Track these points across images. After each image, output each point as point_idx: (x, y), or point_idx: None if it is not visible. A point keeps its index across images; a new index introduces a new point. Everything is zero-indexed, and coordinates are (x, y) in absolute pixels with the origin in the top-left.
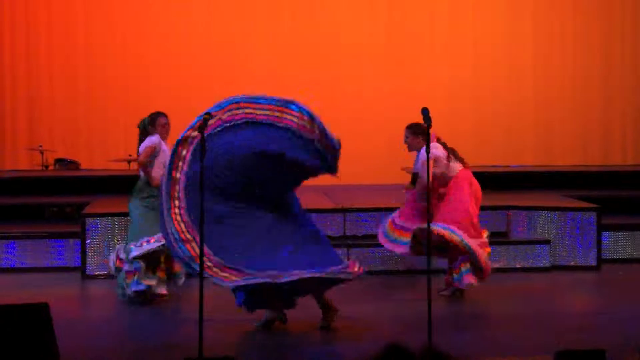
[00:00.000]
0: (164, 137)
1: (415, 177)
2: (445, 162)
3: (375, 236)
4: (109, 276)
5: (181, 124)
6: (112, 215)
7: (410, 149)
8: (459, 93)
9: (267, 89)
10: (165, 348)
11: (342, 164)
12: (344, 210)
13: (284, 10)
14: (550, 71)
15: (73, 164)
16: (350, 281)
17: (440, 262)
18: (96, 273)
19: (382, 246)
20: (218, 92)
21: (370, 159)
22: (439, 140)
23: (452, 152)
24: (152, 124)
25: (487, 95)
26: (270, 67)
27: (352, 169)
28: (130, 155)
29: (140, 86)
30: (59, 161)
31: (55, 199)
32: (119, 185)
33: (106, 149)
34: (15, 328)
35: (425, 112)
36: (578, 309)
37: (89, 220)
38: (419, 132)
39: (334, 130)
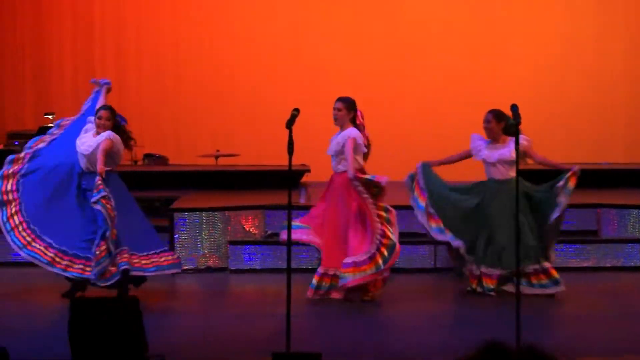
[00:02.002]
0: None
1: None
2: None
3: None
4: (197, 270)
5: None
6: (200, 210)
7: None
8: (545, 89)
9: (351, 83)
10: (251, 343)
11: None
12: None
13: (367, 5)
14: None
15: (161, 159)
16: None
17: None
18: (184, 267)
19: None
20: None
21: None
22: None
23: None
24: None
25: (575, 92)
26: (354, 61)
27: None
28: (217, 151)
29: (226, 83)
30: (148, 156)
31: (144, 194)
32: (207, 180)
33: (194, 145)
34: (106, 321)
35: (514, 108)
36: None
37: (177, 215)
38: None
39: (416, 125)
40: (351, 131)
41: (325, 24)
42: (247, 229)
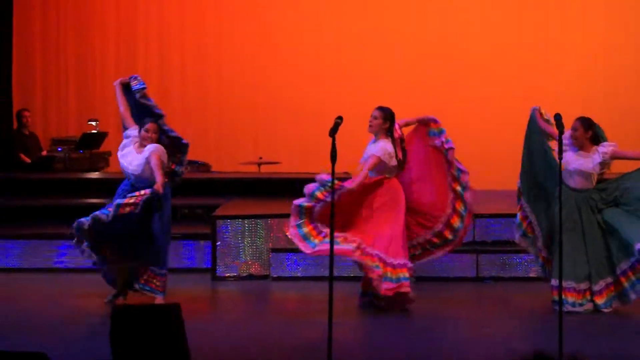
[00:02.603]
0: None
1: None
2: None
3: (506, 242)
4: (239, 278)
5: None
6: (243, 217)
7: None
8: (590, 96)
9: (398, 91)
10: (292, 351)
11: (471, 169)
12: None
13: (412, 15)
14: None
15: (204, 166)
16: None
17: None
18: (226, 275)
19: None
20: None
21: (499, 163)
22: None
23: None
24: None
25: (621, 100)
26: (397, 70)
27: (481, 174)
28: (260, 158)
29: (269, 91)
30: (190, 163)
31: (187, 201)
32: (249, 187)
33: (236, 152)
34: (148, 328)
35: (558, 117)
36: None
37: (219, 222)
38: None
39: (461, 134)
40: (379, 146)
41: (368, 34)
42: (290, 237)
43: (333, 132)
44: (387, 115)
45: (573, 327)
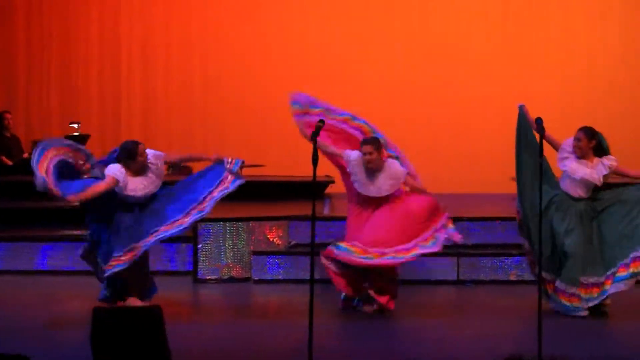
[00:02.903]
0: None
1: None
2: None
3: (485, 245)
4: (221, 281)
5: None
6: (224, 220)
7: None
8: (571, 102)
9: (382, 92)
10: (273, 354)
11: (452, 172)
12: (453, 220)
13: (395, 22)
14: None
15: (186, 169)
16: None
17: None
18: (208, 277)
19: None
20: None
21: (479, 167)
22: None
23: None
24: None
25: (599, 104)
26: (385, 75)
27: (461, 177)
28: (243, 162)
29: (253, 97)
30: (173, 166)
31: None
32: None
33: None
34: (129, 329)
35: (539, 121)
36: None
37: (200, 225)
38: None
39: (447, 137)
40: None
41: (355, 39)
42: (271, 240)
43: (314, 135)
44: (378, 145)
45: (553, 329)
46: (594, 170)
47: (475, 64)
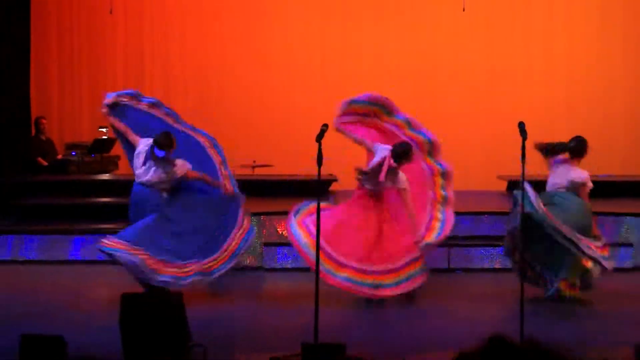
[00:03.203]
0: None
1: None
2: None
3: (473, 237)
4: (236, 269)
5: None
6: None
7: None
8: (553, 108)
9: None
10: (283, 334)
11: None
12: None
13: (391, 29)
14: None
15: None
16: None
17: None
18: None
19: None
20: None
21: (468, 166)
22: None
23: None
24: None
25: (580, 111)
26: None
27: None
28: (254, 162)
29: (263, 101)
30: None
31: None
32: (244, 188)
33: (233, 156)
34: (154, 313)
35: (521, 125)
36: None
37: None
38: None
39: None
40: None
41: (350, 49)
42: (280, 232)
43: (319, 138)
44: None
45: (534, 313)
46: (578, 173)
47: (463, 72)
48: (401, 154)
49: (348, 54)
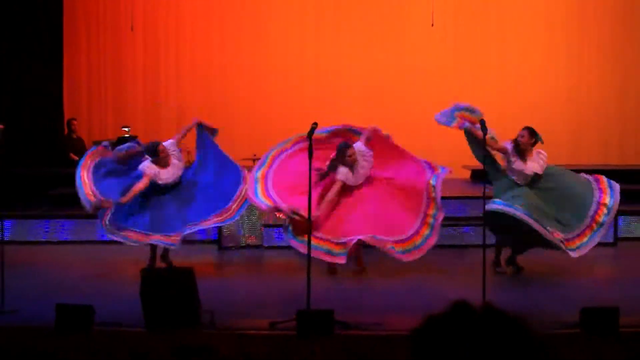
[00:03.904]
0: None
1: None
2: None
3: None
4: (239, 247)
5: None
6: None
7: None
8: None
9: (359, 101)
10: (280, 302)
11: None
12: None
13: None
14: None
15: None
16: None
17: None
18: (229, 245)
19: None
20: (317, 107)
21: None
22: None
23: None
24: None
25: (549, 121)
26: (364, 83)
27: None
28: (254, 155)
29: (262, 101)
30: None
31: None
32: None
33: (235, 150)
34: (169, 286)
35: (482, 122)
36: (600, 277)
37: None
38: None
39: (408, 136)
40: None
41: (339, 53)
42: (278, 215)
43: (310, 134)
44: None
45: (496, 284)
46: (536, 164)
47: (432, 84)
48: (337, 152)
49: (332, 64)
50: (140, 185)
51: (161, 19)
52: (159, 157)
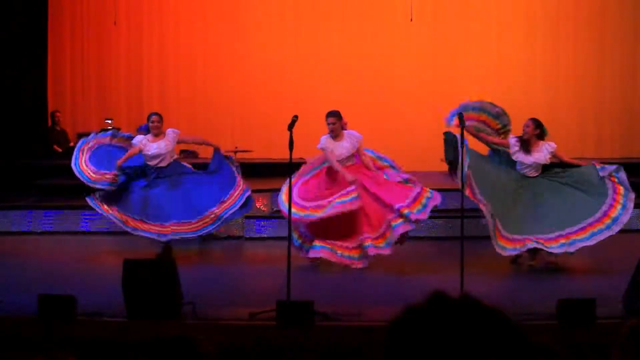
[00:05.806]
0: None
1: None
2: None
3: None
4: (221, 238)
5: (271, 123)
6: None
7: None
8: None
9: (339, 95)
10: (261, 292)
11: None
12: None
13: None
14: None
15: (192, 153)
16: None
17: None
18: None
19: None
20: (298, 100)
21: (415, 151)
22: None
23: None
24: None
25: (506, 101)
26: (344, 78)
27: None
28: (236, 147)
29: (244, 95)
30: (183, 152)
31: None
32: None
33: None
34: (151, 276)
35: (461, 117)
36: (579, 269)
37: None
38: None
39: (387, 128)
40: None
41: (310, 54)
42: (259, 207)
43: (290, 126)
44: (339, 117)
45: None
46: (540, 154)
47: (411, 78)
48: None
49: (312, 58)
50: (134, 150)
51: (144, 13)
52: (149, 127)
